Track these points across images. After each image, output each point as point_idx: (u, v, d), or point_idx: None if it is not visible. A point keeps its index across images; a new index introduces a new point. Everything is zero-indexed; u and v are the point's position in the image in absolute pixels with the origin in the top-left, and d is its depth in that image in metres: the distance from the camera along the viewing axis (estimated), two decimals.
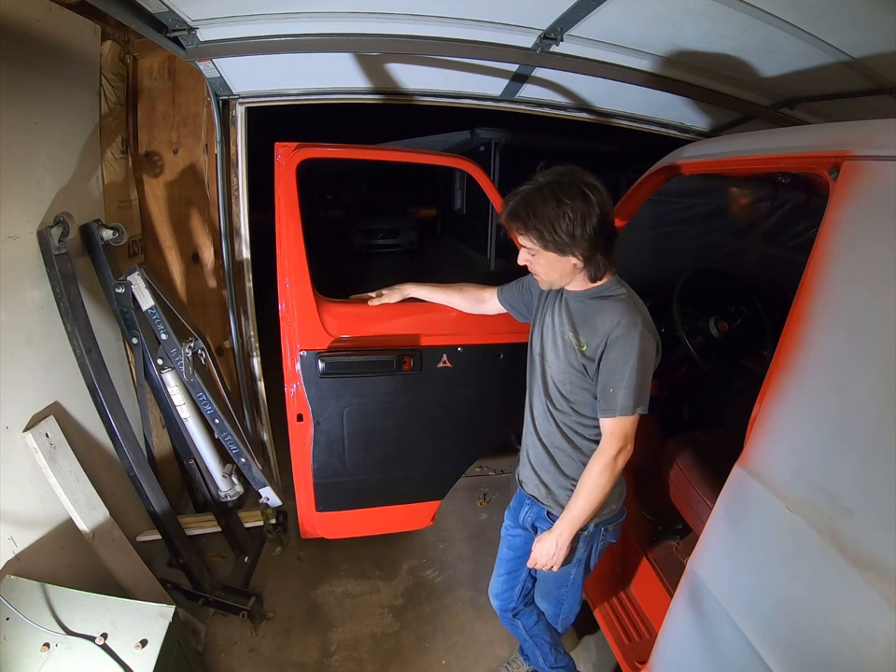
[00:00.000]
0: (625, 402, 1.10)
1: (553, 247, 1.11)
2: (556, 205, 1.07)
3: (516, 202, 1.13)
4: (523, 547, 1.44)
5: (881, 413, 0.78)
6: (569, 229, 1.07)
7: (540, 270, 1.18)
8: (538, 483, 1.30)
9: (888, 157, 0.82)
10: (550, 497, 1.28)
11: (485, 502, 2.62)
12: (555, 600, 1.44)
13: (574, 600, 1.43)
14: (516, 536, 1.45)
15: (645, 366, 1.10)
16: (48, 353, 1.62)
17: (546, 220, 1.08)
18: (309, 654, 1.80)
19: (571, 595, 1.41)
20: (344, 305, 1.70)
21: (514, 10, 1.45)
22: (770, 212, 2.39)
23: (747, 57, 1.61)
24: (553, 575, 1.35)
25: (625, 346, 1.09)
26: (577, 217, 1.06)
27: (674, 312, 1.77)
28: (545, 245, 1.11)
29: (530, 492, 1.34)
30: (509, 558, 1.48)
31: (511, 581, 1.50)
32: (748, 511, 0.99)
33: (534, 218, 1.09)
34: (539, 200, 1.09)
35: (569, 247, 1.10)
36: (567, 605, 1.44)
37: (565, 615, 1.47)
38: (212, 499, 2.02)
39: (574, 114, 2.38)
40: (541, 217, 1.08)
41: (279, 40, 1.57)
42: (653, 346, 1.13)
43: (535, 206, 1.09)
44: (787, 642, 0.89)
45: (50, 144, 1.64)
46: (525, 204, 1.11)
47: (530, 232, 1.11)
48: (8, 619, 1.24)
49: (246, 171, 2.19)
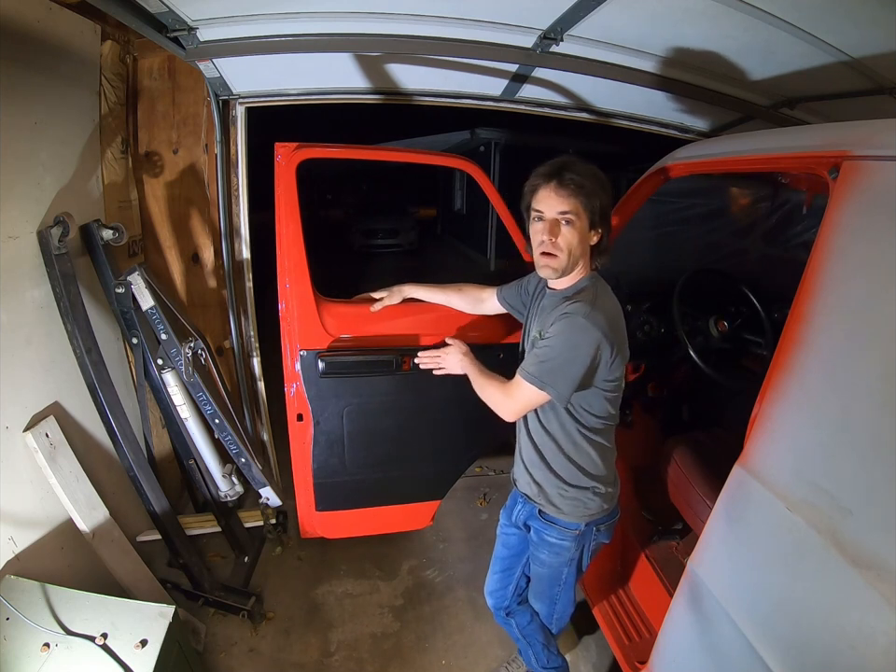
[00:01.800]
0: (528, 367, 1.14)
1: (598, 217, 1.14)
2: (600, 182, 1.14)
3: (565, 163, 1.13)
4: (517, 545, 1.45)
5: (881, 412, 0.78)
6: (606, 204, 1.15)
7: (570, 239, 1.14)
8: (529, 481, 1.31)
9: (888, 157, 0.82)
10: (542, 495, 1.29)
11: (485, 502, 2.62)
12: (549, 600, 1.44)
13: (567, 600, 1.44)
14: (511, 534, 1.46)
15: (569, 351, 1.10)
16: (48, 353, 1.62)
17: (598, 193, 1.13)
18: (309, 654, 1.80)
19: (564, 595, 1.41)
20: (344, 305, 1.70)
21: (514, 10, 1.45)
22: (770, 212, 2.38)
23: (747, 57, 1.61)
24: (545, 574, 1.37)
25: (559, 326, 1.11)
26: (608, 197, 1.16)
27: (674, 312, 1.77)
28: (592, 215, 1.13)
29: (523, 490, 1.35)
30: (503, 556, 1.50)
31: (504, 580, 1.51)
32: (748, 511, 0.99)
33: (592, 189, 1.12)
34: (592, 175, 1.13)
35: (601, 223, 1.15)
36: (560, 605, 1.44)
37: (559, 615, 1.48)
38: (212, 499, 2.02)
39: (574, 114, 2.38)
40: (595, 189, 1.12)
41: (279, 40, 1.57)
42: (591, 340, 1.08)
43: (591, 172, 1.13)
44: (787, 642, 0.89)
45: (50, 144, 1.64)
46: (582, 167, 1.13)
47: (586, 198, 1.12)
48: (8, 619, 1.24)
49: (246, 171, 2.19)
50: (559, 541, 1.29)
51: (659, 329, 1.90)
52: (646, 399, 2.18)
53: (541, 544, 1.33)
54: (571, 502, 1.26)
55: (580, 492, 1.25)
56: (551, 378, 1.11)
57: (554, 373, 1.10)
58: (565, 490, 1.25)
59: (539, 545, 1.34)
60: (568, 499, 1.26)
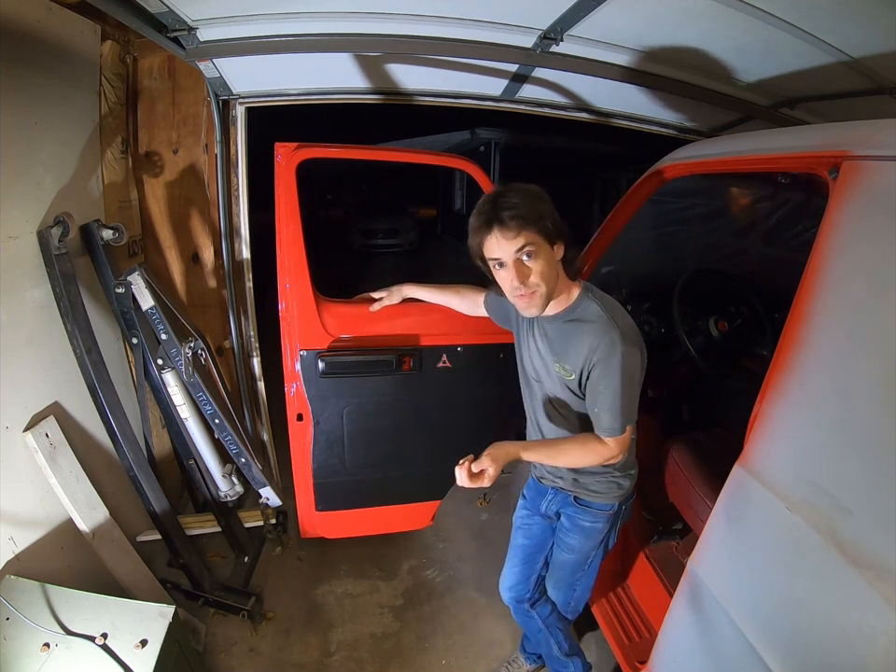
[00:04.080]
0: (611, 425, 1.12)
1: (554, 235, 1.11)
2: (536, 197, 1.10)
3: (508, 202, 1.08)
4: (540, 535, 1.45)
5: (881, 412, 0.78)
6: (553, 215, 1.10)
7: (540, 269, 1.10)
8: (560, 474, 1.33)
9: (888, 157, 0.82)
10: (576, 484, 1.31)
11: (485, 502, 2.62)
12: (569, 587, 1.45)
13: (587, 586, 1.45)
14: (534, 524, 1.45)
15: (629, 384, 1.11)
16: (48, 353, 1.62)
17: (540, 210, 1.09)
18: (309, 654, 1.79)
19: (585, 580, 1.43)
20: (344, 305, 1.70)
21: (514, 10, 1.45)
22: (770, 212, 2.38)
23: (747, 57, 1.61)
24: (572, 560, 1.38)
25: (606, 369, 1.09)
26: (551, 206, 1.11)
27: (674, 312, 1.77)
28: (547, 233, 1.10)
29: (553, 484, 1.36)
30: (524, 546, 1.48)
31: (526, 571, 1.49)
32: (748, 511, 0.99)
33: (533, 211, 1.09)
34: (523, 196, 1.09)
35: (558, 235, 1.12)
36: (579, 590, 1.45)
37: (576, 601, 1.49)
38: (212, 499, 2.02)
39: (574, 114, 2.38)
40: (536, 208, 1.09)
41: (279, 40, 1.57)
42: (637, 360, 1.12)
43: (522, 192, 1.09)
44: (787, 642, 0.89)
45: (50, 144, 1.64)
46: (512, 195, 1.09)
47: (533, 225, 1.08)
48: (8, 619, 1.24)
49: (246, 171, 2.19)
50: (592, 524, 1.32)
51: (659, 329, 1.90)
52: (646, 398, 2.18)
53: (573, 530, 1.34)
54: (606, 485, 1.29)
55: (615, 476, 1.28)
56: (630, 414, 1.14)
57: (630, 408, 1.13)
58: (600, 476, 1.28)
59: (570, 531, 1.35)
60: (604, 483, 1.29)
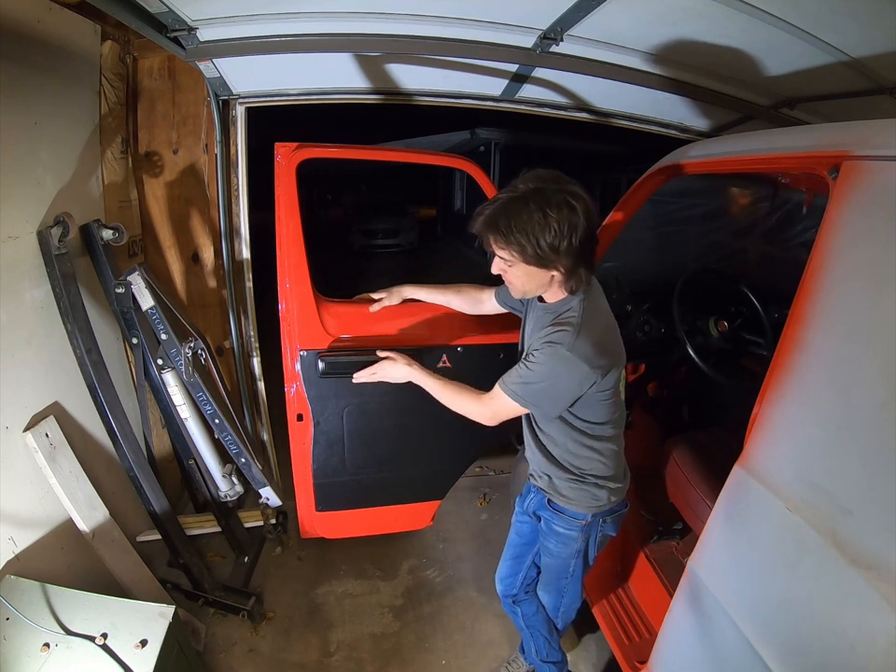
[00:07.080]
0: (513, 385, 1.12)
1: (534, 261, 1.05)
2: (542, 217, 0.99)
3: (495, 210, 1.05)
4: (529, 534, 1.47)
5: (881, 412, 0.78)
6: (555, 242, 1.00)
7: (517, 280, 1.12)
8: (541, 473, 1.34)
9: (887, 157, 0.82)
10: (551, 486, 1.31)
11: (485, 502, 2.62)
12: (556, 592, 1.46)
13: (575, 594, 1.45)
14: (523, 523, 1.48)
15: (552, 379, 1.08)
16: (48, 353, 1.62)
17: (530, 233, 1.00)
18: (309, 654, 1.79)
19: (572, 588, 1.43)
20: (344, 305, 1.70)
21: (514, 10, 1.45)
22: (770, 212, 2.38)
23: (747, 57, 1.61)
24: (554, 565, 1.39)
25: (543, 354, 1.08)
26: (563, 229, 1.00)
27: (674, 312, 1.77)
28: (526, 258, 1.04)
29: (533, 483, 1.38)
30: (515, 543, 1.52)
31: (515, 567, 1.53)
32: (747, 511, 0.99)
33: (516, 231, 1.01)
34: (522, 210, 1.01)
35: (552, 261, 1.04)
36: (567, 597, 1.46)
37: (565, 608, 1.49)
38: (212, 499, 2.02)
39: (574, 114, 2.38)
40: (524, 229, 1.01)
41: (279, 40, 1.57)
42: (574, 371, 1.06)
43: (517, 217, 1.01)
44: (787, 642, 0.89)
45: (50, 143, 1.64)
46: (505, 215, 1.03)
47: (511, 246, 1.04)
48: (8, 619, 1.24)
49: (246, 171, 2.19)
50: (566, 531, 1.31)
51: (659, 329, 1.90)
52: (646, 399, 2.18)
53: (550, 534, 1.35)
54: (579, 493, 1.28)
55: (588, 485, 1.27)
56: (535, 399, 1.13)
57: (538, 396, 1.11)
58: (573, 483, 1.27)
59: (547, 535, 1.36)
60: (576, 490, 1.28)
